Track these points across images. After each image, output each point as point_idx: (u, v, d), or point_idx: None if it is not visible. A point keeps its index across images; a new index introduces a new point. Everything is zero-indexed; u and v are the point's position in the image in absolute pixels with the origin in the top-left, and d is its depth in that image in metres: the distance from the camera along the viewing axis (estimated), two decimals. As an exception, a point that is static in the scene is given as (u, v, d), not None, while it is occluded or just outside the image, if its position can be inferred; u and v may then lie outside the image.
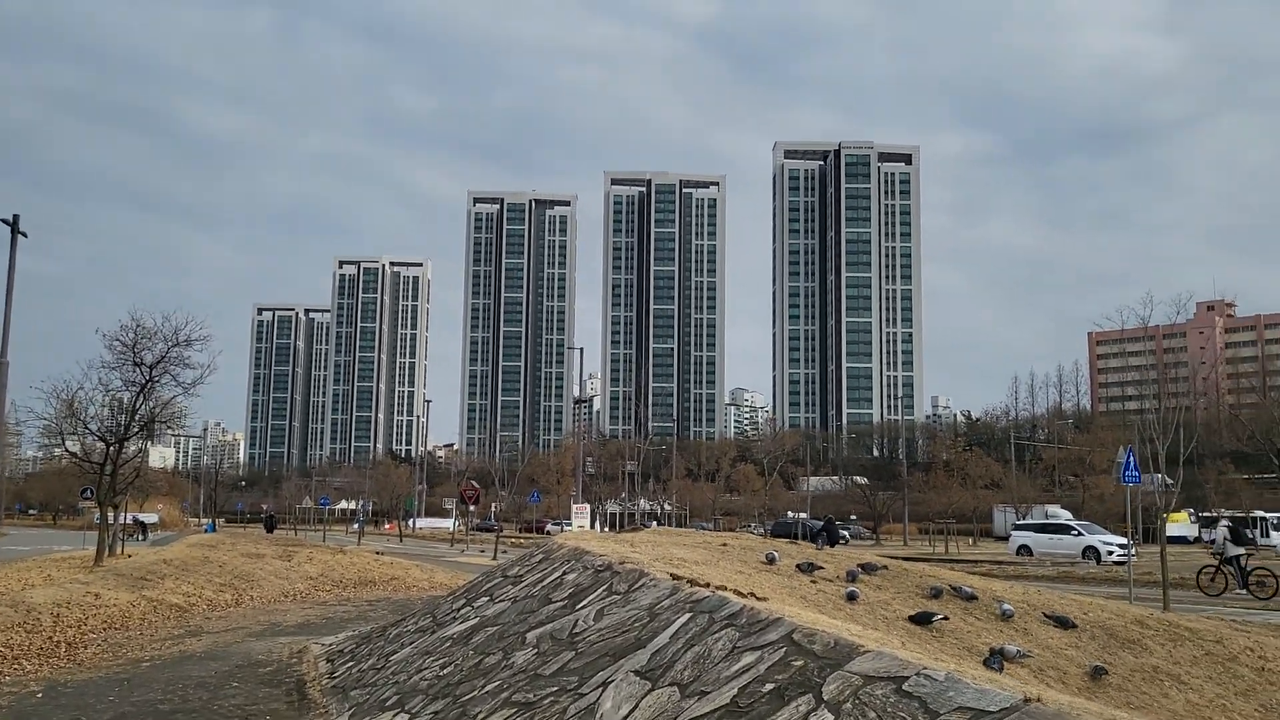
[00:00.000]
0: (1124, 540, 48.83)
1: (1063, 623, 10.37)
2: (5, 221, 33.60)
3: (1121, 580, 33.06)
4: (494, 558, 43.09)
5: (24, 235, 33.94)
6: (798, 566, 10.67)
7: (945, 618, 9.69)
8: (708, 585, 7.33)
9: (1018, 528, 52.17)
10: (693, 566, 9.53)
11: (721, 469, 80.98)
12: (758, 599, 7.07)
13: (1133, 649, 10.14)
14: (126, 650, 15.02)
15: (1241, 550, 28.56)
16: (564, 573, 9.86)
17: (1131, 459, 21.93)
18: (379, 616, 19.69)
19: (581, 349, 54.60)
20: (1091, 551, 45.25)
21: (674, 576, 8.16)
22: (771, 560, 10.76)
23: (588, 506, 58.90)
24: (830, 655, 4.88)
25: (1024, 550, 48.10)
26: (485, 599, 10.73)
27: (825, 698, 4.45)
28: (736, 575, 9.48)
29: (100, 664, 13.77)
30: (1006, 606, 10.47)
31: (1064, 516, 62.84)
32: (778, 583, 9.54)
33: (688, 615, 6.61)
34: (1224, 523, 31.28)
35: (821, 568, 10.71)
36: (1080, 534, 47.00)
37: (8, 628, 15.28)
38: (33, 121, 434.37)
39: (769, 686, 4.86)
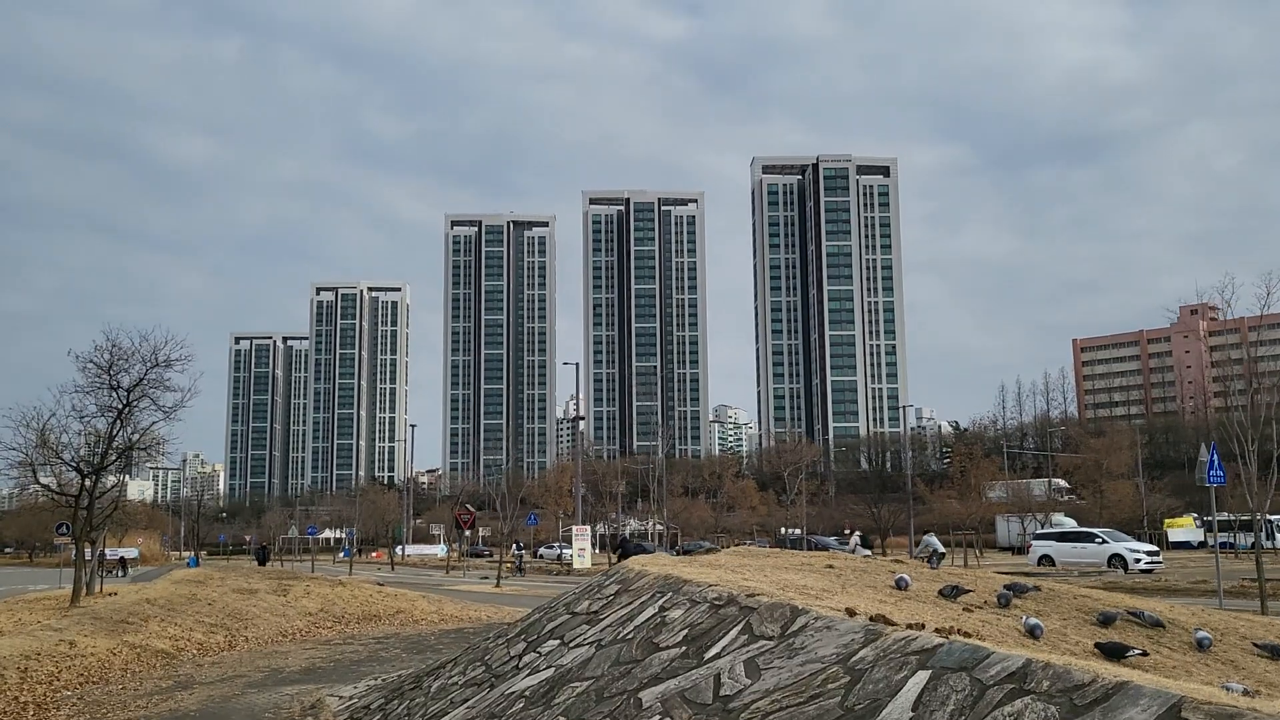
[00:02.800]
0: (1151, 547, 47.18)
1: (1276, 652, 8.42)
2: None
3: (1167, 590, 31.19)
4: (497, 585, 40.83)
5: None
6: (940, 592, 8.66)
7: (1144, 652, 7.69)
8: (921, 626, 5.32)
9: (1038, 537, 50.37)
10: (821, 595, 7.51)
11: (724, 485, 78.80)
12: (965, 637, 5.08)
13: (1365, 682, 8.19)
14: (106, 710, 12.81)
15: (868, 552, 34.82)
16: (662, 608, 7.81)
17: (1215, 458, 20.10)
18: (393, 657, 17.53)
19: (577, 364, 52.49)
20: (1118, 559, 43.47)
21: (849, 612, 6.14)
22: (903, 585, 8.75)
23: (587, 529, 56.72)
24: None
25: (1045, 560, 46.24)
26: (554, 642, 8.65)
27: None
28: (878, 604, 7.45)
29: (76, 730, 11.59)
30: (1202, 634, 8.50)
31: (1069, 524, 61.22)
32: (936, 614, 7.51)
33: (923, 674, 4.58)
34: (857, 532, 40.72)
35: (969, 591, 8.71)
36: (1105, 541, 45.24)
37: (-34, 688, 13.04)
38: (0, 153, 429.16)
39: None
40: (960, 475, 60.72)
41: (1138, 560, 43.04)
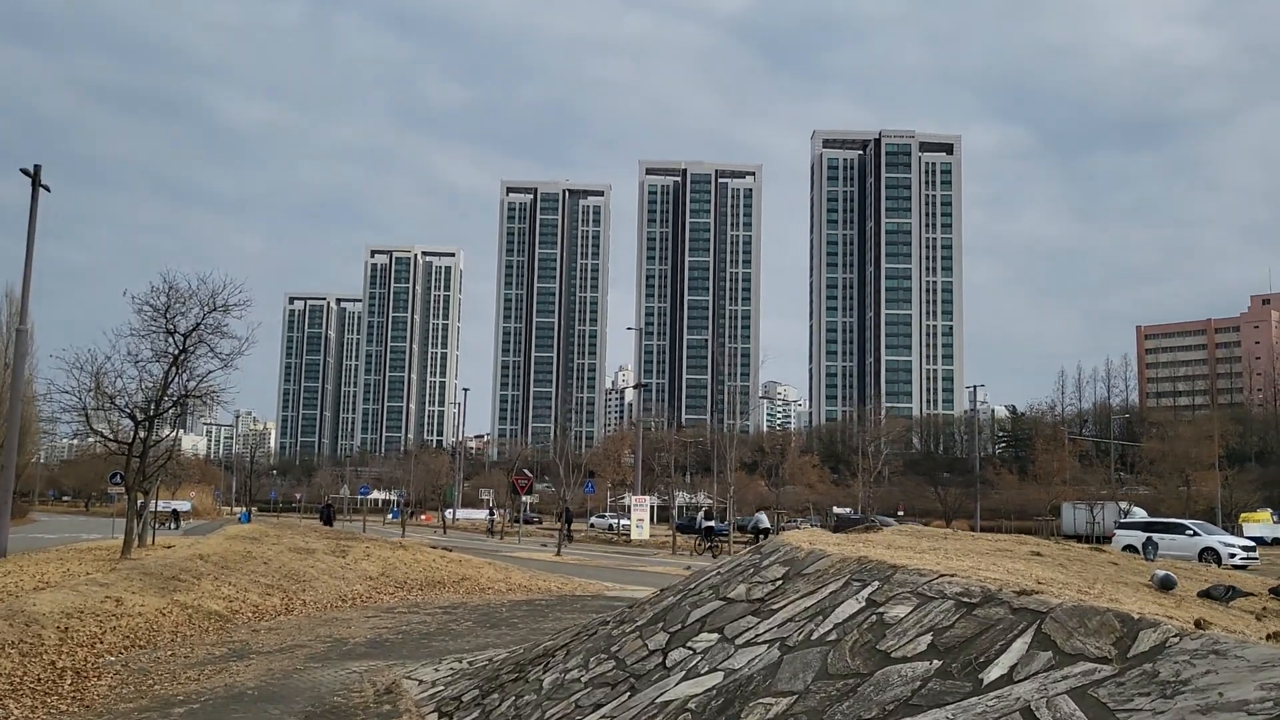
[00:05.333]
0: (1246, 541, 44.51)
1: None
2: (26, 172, 30.22)
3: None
4: (558, 553, 39.33)
5: (46, 189, 30.53)
6: (1207, 594, 6.68)
7: None
8: None
9: (1122, 526, 47.79)
10: (1087, 594, 5.56)
11: (787, 460, 76.81)
12: None
13: None
14: (153, 681, 11.24)
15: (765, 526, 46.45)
16: (871, 602, 5.93)
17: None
18: (466, 631, 15.87)
19: (640, 329, 50.59)
20: (1210, 553, 40.80)
21: (1199, 624, 4.24)
22: (1170, 584, 6.78)
23: (647, 499, 55.07)
24: None
25: (1130, 551, 43.73)
26: (712, 637, 6.81)
27: None
28: (1157, 606, 5.51)
29: (117, 706, 9.99)
30: None
31: (1139, 514, 58.83)
32: (1234, 623, 5.53)
33: None
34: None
35: (1249, 594, 6.74)
36: (1196, 534, 42.55)
37: (-3, 649, 11.51)
38: (65, 112, 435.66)
39: None
40: (1045, 456, 58.02)
41: (1232, 555, 40.39)
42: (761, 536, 45.32)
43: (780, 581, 7.23)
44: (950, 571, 5.92)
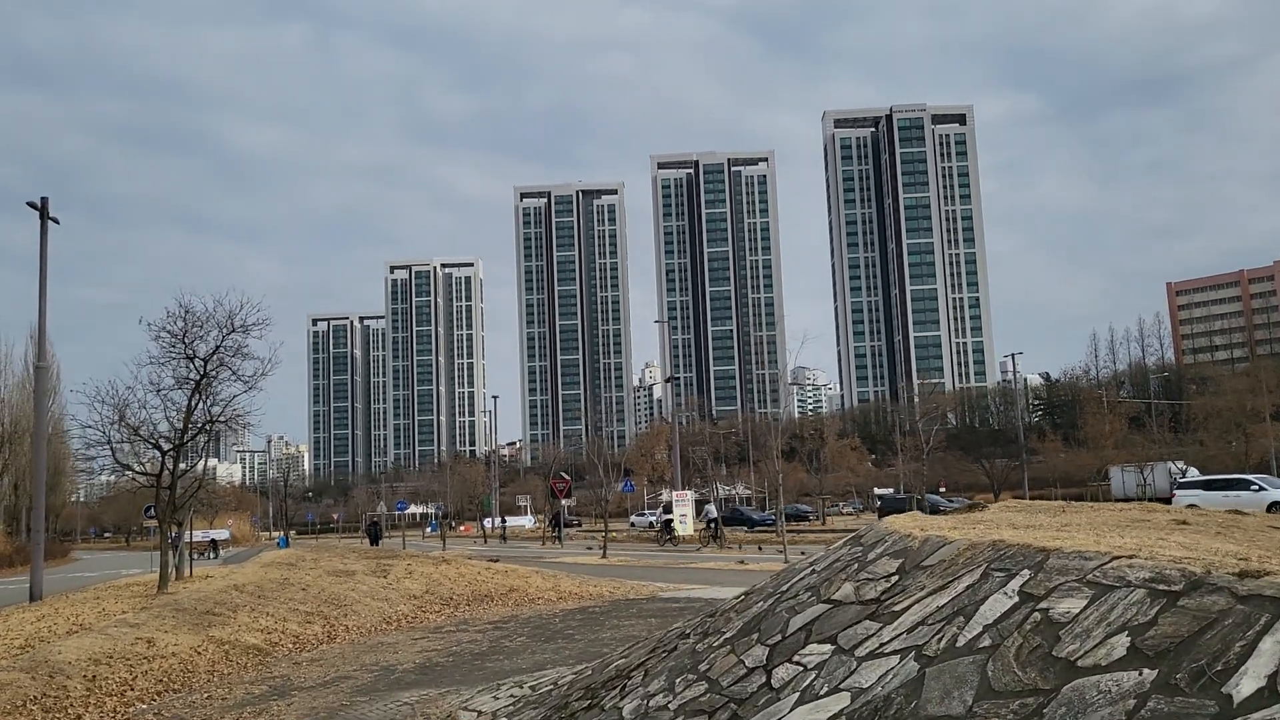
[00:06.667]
0: (1316, 491, 42.87)
1: None
2: (33, 205, 29.51)
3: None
4: (603, 555, 38.33)
5: (55, 221, 29.81)
6: None
7: None
8: None
9: (1181, 486, 46.29)
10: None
11: (826, 445, 75.58)
12: None
13: None
14: (188, 730, 10.29)
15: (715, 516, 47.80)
16: (1026, 595, 4.83)
17: None
18: (520, 647, 14.85)
19: (668, 321, 49.56)
20: (1278, 507, 39.29)
21: None
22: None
23: (689, 493, 53.99)
24: None
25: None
26: (824, 649, 5.73)
27: None
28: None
29: (147, 763, 9.03)
30: None
31: (1194, 473, 57.21)
32: None
33: None
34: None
35: None
36: (1262, 488, 41.01)
37: (17, 706, 10.58)
38: (78, 154, 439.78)
39: None
40: (1094, 419, 56.46)
41: (1303, 507, 38.80)
42: (712, 527, 46.32)
43: (895, 577, 6.13)
44: (1125, 552, 4.80)
